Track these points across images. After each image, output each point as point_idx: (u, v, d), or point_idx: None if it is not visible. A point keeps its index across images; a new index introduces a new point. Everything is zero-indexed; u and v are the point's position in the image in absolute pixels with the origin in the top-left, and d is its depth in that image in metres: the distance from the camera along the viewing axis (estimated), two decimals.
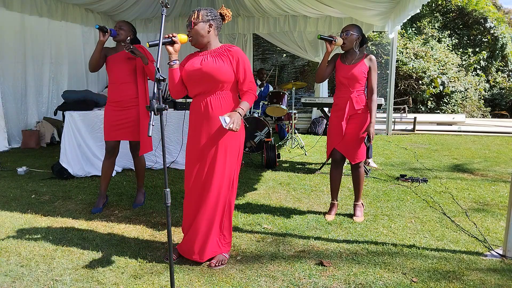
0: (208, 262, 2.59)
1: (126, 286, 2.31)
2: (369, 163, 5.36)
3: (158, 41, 2.18)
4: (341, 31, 3.27)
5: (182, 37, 2.38)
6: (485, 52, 11.68)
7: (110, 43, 3.39)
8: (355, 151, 3.32)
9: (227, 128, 2.27)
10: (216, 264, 2.54)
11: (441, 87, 10.67)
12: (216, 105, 2.46)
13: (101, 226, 3.22)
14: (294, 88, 6.66)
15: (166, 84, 3.79)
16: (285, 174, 4.97)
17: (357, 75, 3.21)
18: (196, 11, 2.44)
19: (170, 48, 2.36)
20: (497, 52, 11.81)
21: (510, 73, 12.06)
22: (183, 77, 2.50)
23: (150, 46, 2.25)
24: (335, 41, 3.12)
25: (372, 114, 3.28)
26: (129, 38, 3.44)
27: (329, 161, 3.59)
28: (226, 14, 2.58)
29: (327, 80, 8.90)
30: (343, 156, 3.40)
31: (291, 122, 6.75)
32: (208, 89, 2.46)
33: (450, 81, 10.89)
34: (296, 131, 7.05)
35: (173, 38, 2.33)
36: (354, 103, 3.25)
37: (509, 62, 12.05)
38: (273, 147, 5.30)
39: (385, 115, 8.71)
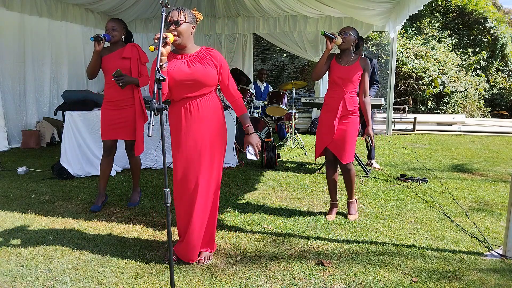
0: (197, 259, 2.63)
1: (126, 286, 2.31)
2: (371, 164, 5.36)
3: (158, 43, 2.16)
4: (340, 31, 3.29)
5: (170, 37, 2.27)
6: (485, 52, 11.67)
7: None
8: (346, 151, 3.33)
9: (256, 158, 2.42)
10: (205, 260, 2.61)
11: (441, 87, 10.67)
12: (205, 107, 2.47)
13: (101, 226, 3.21)
14: (294, 88, 6.66)
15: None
16: (285, 174, 4.97)
17: (352, 76, 3.25)
18: (181, 11, 2.37)
19: (163, 49, 2.24)
20: (497, 52, 11.81)
21: (510, 73, 12.05)
22: (168, 81, 2.40)
23: (155, 49, 2.13)
24: (335, 39, 3.15)
25: (368, 116, 3.34)
26: (123, 37, 3.49)
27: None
28: (197, 16, 2.52)
29: (327, 80, 8.90)
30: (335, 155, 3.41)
31: (291, 122, 6.75)
32: (197, 93, 2.45)
33: (450, 81, 10.89)
34: (296, 131, 7.05)
35: (166, 39, 2.23)
36: (347, 104, 3.27)
37: (509, 62, 12.04)
38: (273, 147, 5.30)
39: (385, 115, 8.71)
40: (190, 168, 2.50)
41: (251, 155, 2.38)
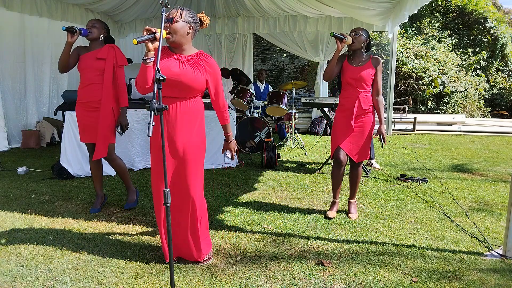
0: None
1: (126, 286, 2.31)
2: (371, 163, 5.36)
3: (145, 38, 2.15)
4: (351, 31, 3.34)
5: (159, 33, 2.25)
6: (485, 52, 11.68)
7: (86, 42, 3.39)
8: (361, 151, 3.39)
9: (231, 161, 2.39)
10: (206, 260, 2.60)
11: (441, 87, 10.67)
12: (184, 110, 2.43)
13: (101, 226, 3.21)
14: (294, 88, 6.66)
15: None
16: (285, 174, 4.97)
17: (365, 76, 3.29)
18: (179, 10, 2.37)
19: (150, 45, 2.23)
20: (497, 52, 11.82)
21: (510, 73, 12.06)
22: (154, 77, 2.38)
23: (138, 42, 2.15)
24: (345, 39, 3.17)
25: (381, 115, 3.39)
26: (102, 36, 3.39)
27: (330, 160, 3.59)
28: (205, 21, 2.52)
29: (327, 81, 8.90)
30: (346, 156, 3.42)
31: (291, 122, 6.75)
32: (180, 95, 2.42)
33: (450, 81, 10.89)
34: (296, 131, 7.05)
35: (155, 34, 2.21)
36: (362, 103, 3.32)
37: (509, 62, 12.05)
38: (273, 147, 5.30)
39: (385, 115, 8.71)
40: (168, 166, 2.46)
41: (227, 158, 2.69)
